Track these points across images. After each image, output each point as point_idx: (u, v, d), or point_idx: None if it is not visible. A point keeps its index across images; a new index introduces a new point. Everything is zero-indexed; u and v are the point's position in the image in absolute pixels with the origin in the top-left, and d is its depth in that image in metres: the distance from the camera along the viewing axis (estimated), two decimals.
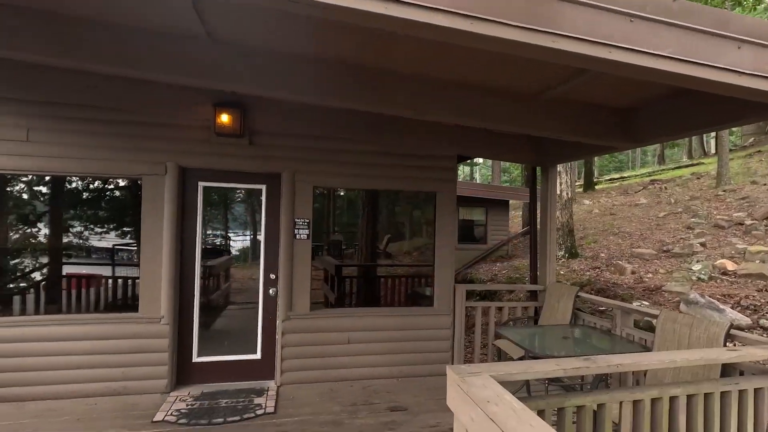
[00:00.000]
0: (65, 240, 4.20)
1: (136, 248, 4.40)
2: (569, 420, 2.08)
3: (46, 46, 2.56)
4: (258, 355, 4.24)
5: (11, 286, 4.10)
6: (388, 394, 4.08)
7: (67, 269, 4.28)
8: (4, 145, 3.65)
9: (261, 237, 4.29)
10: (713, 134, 21.94)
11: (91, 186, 4.32)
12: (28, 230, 4.23)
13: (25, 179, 4.02)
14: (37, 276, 4.24)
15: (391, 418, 3.57)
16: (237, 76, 2.76)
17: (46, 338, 3.71)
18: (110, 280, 4.35)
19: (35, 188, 4.18)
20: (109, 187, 4.39)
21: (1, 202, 3.90)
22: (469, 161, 26.37)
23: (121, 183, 4.36)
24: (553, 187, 4.88)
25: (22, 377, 3.62)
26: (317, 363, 4.26)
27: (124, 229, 4.48)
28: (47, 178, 4.01)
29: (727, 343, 2.80)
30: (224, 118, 3.91)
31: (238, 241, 4.64)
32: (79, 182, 4.20)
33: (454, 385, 1.86)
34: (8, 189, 3.95)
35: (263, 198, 4.29)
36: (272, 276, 4.28)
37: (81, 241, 4.30)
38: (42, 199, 4.25)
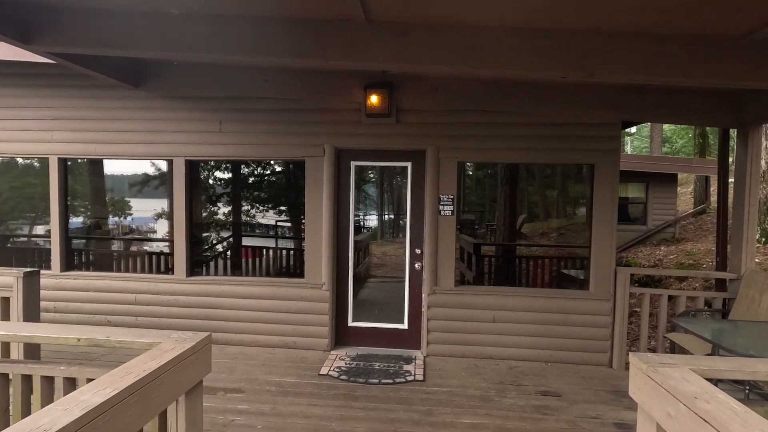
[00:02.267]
0: (242, 217, 4.98)
1: (290, 224, 5.00)
2: None
3: (235, 46, 2.99)
4: (405, 325, 4.46)
5: (206, 254, 5.05)
6: (537, 377, 3.90)
7: (244, 241, 5.09)
8: (204, 136, 4.44)
9: (407, 213, 4.43)
10: None
11: (256, 172, 5.00)
12: (214, 208, 5.13)
13: (211, 164, 4.85)
14: (220, 247, 5.14)
15: (543, 402, 3.41)
16: (391, 55, 2.83)
17: (236, 295, 4.48)
18: (274, 251, 5.03)
19: (219, 173, 5.01)
20: (266, 172, 5.04)
21: (197, 185, 4.77)
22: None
23: (278, 168, 4.95)
24: (756, 155, 3.93)
25: (223, 326, 4.45)
26: (462, 338, 4.29)
27: (281, 207, 5.11)
28: (226, 164, 4.78)
29: None
30: (374, 99, 4.10)
31: (378, 218, 4.87)
32: (245, 168, 4.91)
33: (642, 374, 1.65)
34: (201, 175, 4.82)
35: (408, 175, 4.40)
36: (417, 251, 4.41)
37: (248, 218, 5.05)
38: (221, 182, 5.09)
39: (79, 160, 4.74)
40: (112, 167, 5.01)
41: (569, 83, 3.88)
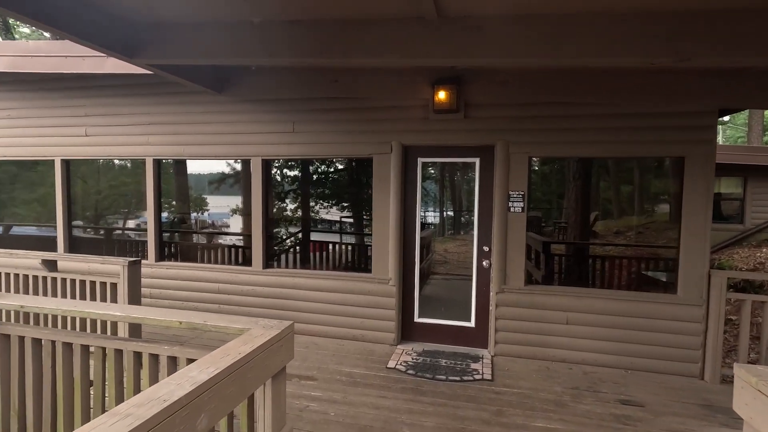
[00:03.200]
0: (310, 213, 5.18)
1: (353, 220, 5.10)
2: None
3: (311, 50, 3.13)
4: (472, 323, 4.40)
5: (276, 248, 5.32)
6: (616, 385, 3.67)
7: (311, 236, 5.28)
8: (279, 136, 4.69)
9: (474, 209, 4.36)
10: None
11: (320, 170, 5.15)
12: (282, 204, 5.37)
13: (278, 163, 5.09)
14: (289, 241, 5.38)
15: (623, 411, 3.20)
16: (464, 50, 2.80)
17: (307, 288, 4.70)
18: (339, 246, 5.17)
19: (288, 171, 5.23)
20: (330, 170, 5.17)
21: (269, 183, 5.02)
22: None
23: (343, 166, 5.07)
24: None
25: (295, 316, 4.68)
26: (532, 339, 4.15)
27: (344, 204, 5.23)
28: (297, 163, 4.99)
29: None
30: (441, 95, 4.07)
31: (438, 215, 4.82)
32: (313, 166, 5.08)
33: (751, 388, 1.50)
34: (272, 172, 5.08)
35: (476, 171, 4.33)
36: (485, 248, 4.32)
37: (313, 214, 5.23)
38: (288, 179, 5.31)
39: (164, 161, 5.21)
40: (192, 167, 5.44)
41: (657, 69, 3.58)
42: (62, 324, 3.62)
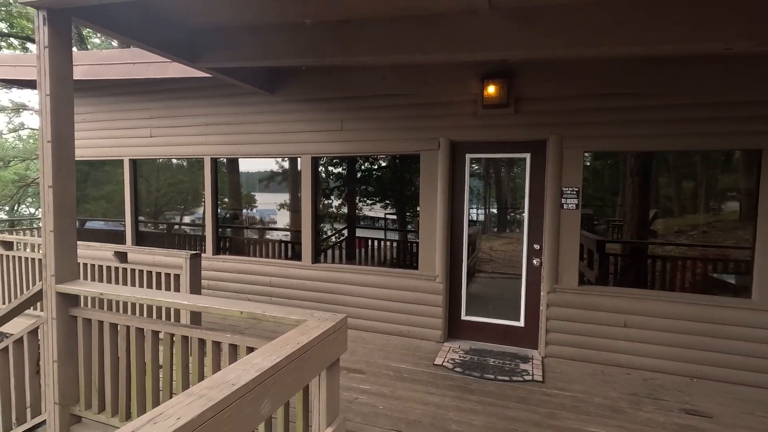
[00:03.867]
0: (356, 210, 5.24)
1: (396, 216, 5.10)
2: None
3: (363, 49, 3.16)
4: (521, 323, 4.29)
5: (323, 244, 5.43)
6: (680, 393, 3.45)
7: (357, 232, 5.35)
8: (327, 134, 4.79)
9: (525, 206, 4.24)
10: None
11: (364, 167, 5.19)
12: (328, 201, 5.46)
13: (323, 161, 5.18)
14: (335, 237, 5.47)
15: (688, 422, 3.01)
16: (517, 43, 2.72)
17: (354, 283, 4.78)
18: (384, 242, 5.19)
19: (332, 168, 5.30)
20: (374, 167, 5.19)
21: (318, 180, 5.12)
22: None
23: (388, 163, 5.08)
24: None
25: (343, 310, 4.78)
26: (586, 342, 3.98)
27: (387, 201, 5.23)
28: (344, 160, 5.07)
29: None
30: (491, 89, 3.99)
31: (483, 212, 4.72)
32: (360, 163, 5.13)
33: None
34: (319, 169, 5.18)
35: (527, 166, 4.20)
36: (536, 246, 4.20)
37: (358, 211, 5.28)
38: (332, 176, 5.39)
39: (219, 160, 5.47)
40: (243, 165, 5.67)
41: (727, 54, 3.31)
42: (132, 310, 3.92)
